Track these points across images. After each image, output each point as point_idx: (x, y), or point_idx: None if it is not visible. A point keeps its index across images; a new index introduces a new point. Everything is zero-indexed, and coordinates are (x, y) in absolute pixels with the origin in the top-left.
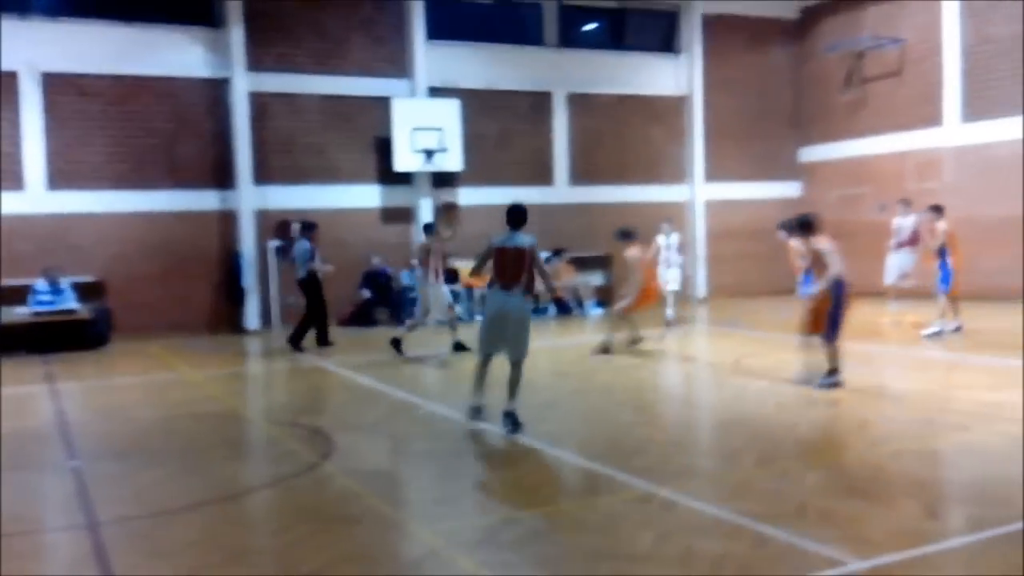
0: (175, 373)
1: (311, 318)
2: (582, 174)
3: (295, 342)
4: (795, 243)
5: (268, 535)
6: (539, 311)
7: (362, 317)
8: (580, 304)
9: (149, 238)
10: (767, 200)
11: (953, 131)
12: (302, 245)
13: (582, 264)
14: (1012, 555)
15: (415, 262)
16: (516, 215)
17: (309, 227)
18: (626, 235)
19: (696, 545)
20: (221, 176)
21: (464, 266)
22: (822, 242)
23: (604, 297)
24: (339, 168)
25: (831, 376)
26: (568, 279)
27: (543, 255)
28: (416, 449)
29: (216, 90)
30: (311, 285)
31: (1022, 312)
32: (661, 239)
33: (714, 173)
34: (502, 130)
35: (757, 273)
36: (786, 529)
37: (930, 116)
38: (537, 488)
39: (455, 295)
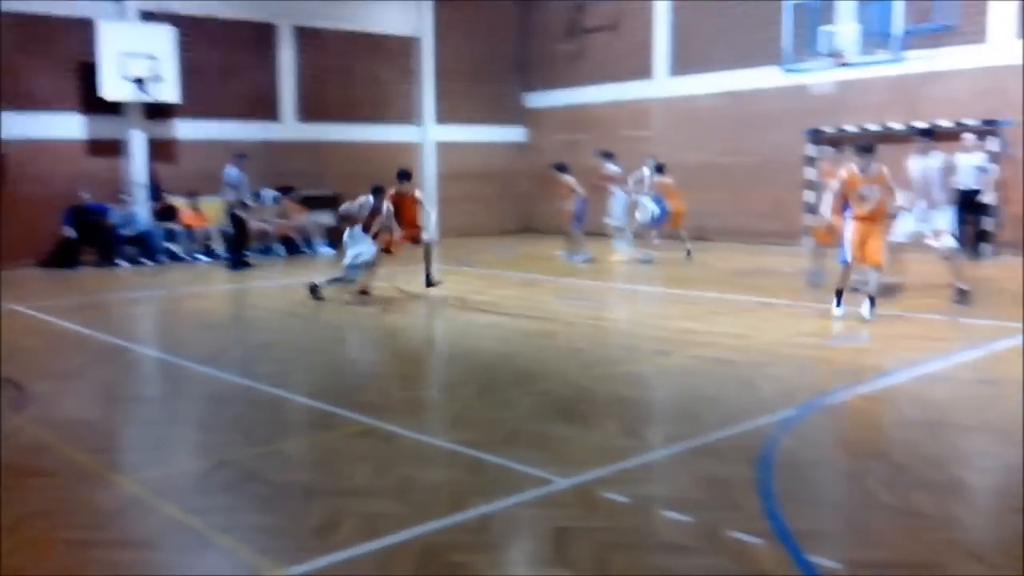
0: None
1: (238, 239)
2: (310, 111)
3: (238, 263)
4: (567, 179)
5: None
6: (266, 251)
7: (65, 257)
8: (309, 243)
9: None
10: (495, 143)
11: (662, 84)
12: (229, 172)
13: (311, 203)
14: (698, 466)
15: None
16: None
17: (238, 156)
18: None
19: (414, 475)
20: None
21: (182, 203)
22: None
23: (333, 236)
24: (34, 94)
25: None
26: (297, 218)
27: (270, 193)
28: (123, 395)
29: None
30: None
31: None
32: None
33: (444, 115)
34: (224, 62)
35: (486, 214)
36: (500, 454)
37: (642, 69)
38: (253, 429)
39: (171, 233)
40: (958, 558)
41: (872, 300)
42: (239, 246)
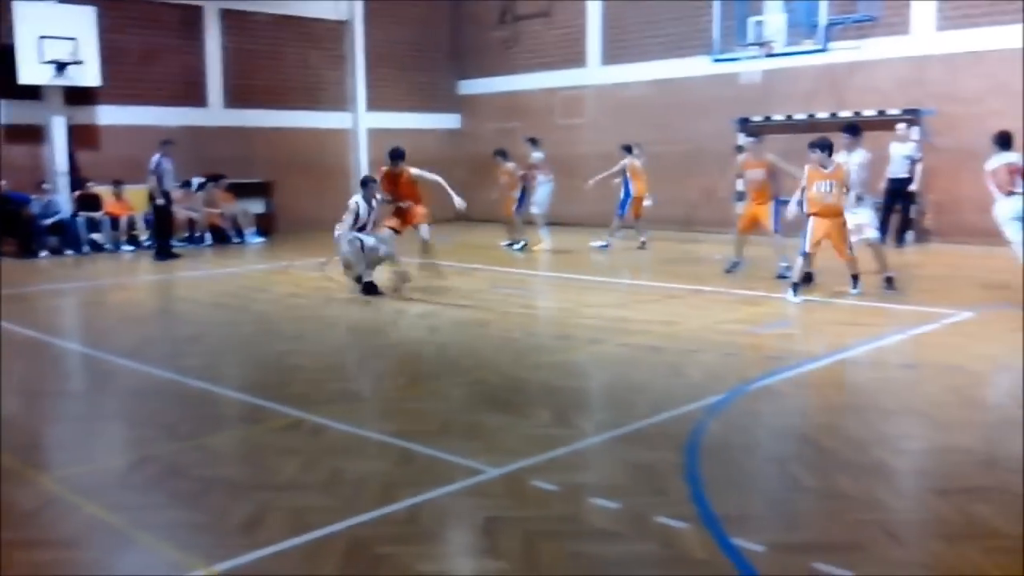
0: None
1: (163, 229)
2: (238, 96)
3: (163, 254)
4: (509, 166)
5: None
6: (193, 241)
7: None
8: (240, 232)
9: None
10: (429, 130)
11: (594, 72)
12: (154, 159)
13: (240, 191)
14: (627, 452)
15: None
16: None
17: (164, 142)
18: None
19: (342, 467)
20: None
21: (105, 191)
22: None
23: (264, 225)
24: None
25: None
26: (226, 206)
27: (196, 180)
28: (43, 390)
29: None
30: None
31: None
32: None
33: (376, 102)
34: (148, 45)
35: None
36: (431, 445)
37: (575, 57)
38: (178, 423)
39: (94, 223)
40: (879, 539)
41: (856, 279)
42: (165, 236)
